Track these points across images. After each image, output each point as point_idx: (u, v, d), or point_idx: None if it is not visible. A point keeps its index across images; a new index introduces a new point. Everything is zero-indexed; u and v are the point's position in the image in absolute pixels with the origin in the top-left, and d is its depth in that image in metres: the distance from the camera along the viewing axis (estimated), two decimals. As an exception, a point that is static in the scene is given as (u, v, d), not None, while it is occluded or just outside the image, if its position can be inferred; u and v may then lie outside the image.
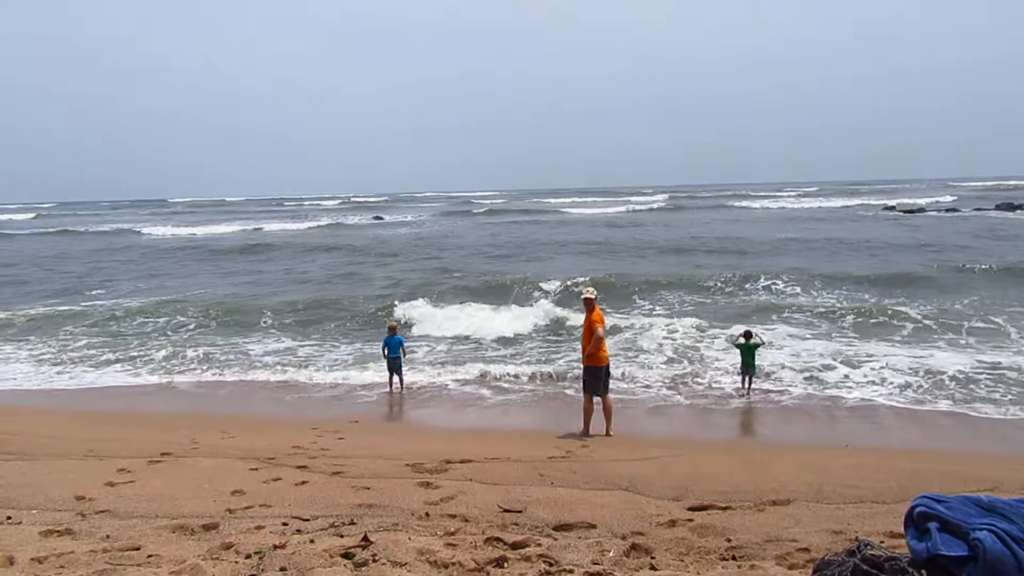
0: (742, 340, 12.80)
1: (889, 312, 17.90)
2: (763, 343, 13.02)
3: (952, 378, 12.50)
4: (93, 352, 16.81)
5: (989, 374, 12.65)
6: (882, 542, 4.53)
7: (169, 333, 19.06)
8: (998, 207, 59.01)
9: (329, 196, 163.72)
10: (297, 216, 78.33)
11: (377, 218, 72.13)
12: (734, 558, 4.95)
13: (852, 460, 8.51)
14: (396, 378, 13.41)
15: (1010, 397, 11.48)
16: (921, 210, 60.23)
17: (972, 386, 12.09)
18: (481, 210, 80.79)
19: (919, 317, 17.25)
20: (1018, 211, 55.53)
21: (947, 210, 58.91)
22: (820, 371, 13.27)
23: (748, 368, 12.56)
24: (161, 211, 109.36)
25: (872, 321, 17.40)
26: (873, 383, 12.47)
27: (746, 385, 12.49)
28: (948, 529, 3.01)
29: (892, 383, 12.41)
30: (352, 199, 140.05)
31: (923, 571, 2.92)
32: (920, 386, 12.23)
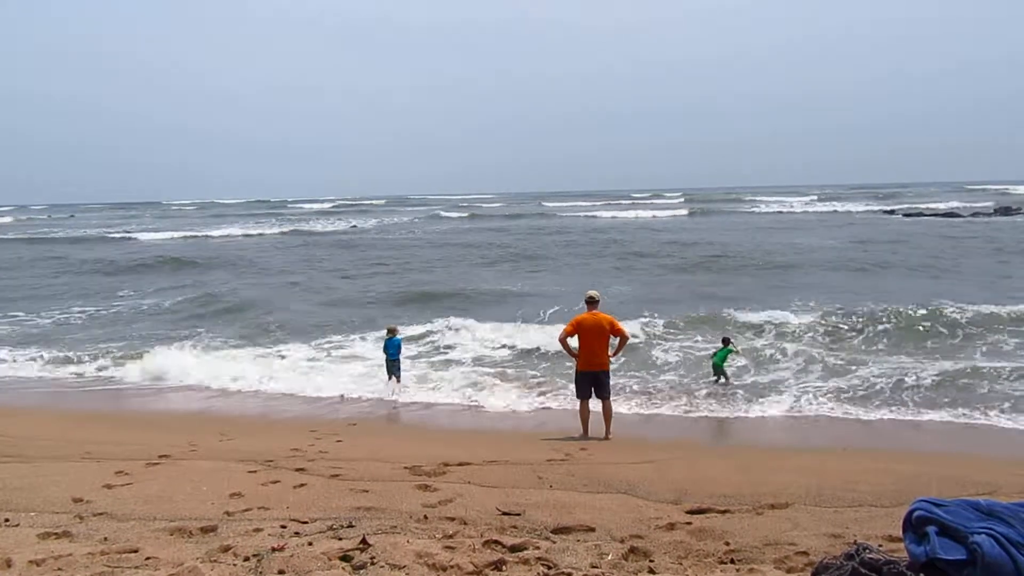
0: (720, 345, 13.65)
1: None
2: (736, 351, 13.89)
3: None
4: None
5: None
6: (880, 546, 4.53)
7: None
8: (996, 211, 59.18)
9: (330, 198, 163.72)
10: (275, 219, 76.91)
11: (374, 221, 70.69)
12: (732, 561, 4.95)
13: (850, 464, 8.51)
14: (394, 380, 13.40)
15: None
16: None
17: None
18: (465, 214, 78.89)
19: None
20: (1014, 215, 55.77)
21: (946, 214, 58.93)
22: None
23: (715, 369, 13.32)
24: (142, 215, 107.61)
25: None
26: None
27: (716, 382, 13.17)
28: (947, 533, 3.01)
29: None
30: (343, 201, 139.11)
31: (921, 575, 2.92)
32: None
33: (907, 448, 9.70)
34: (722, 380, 13.19)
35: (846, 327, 16.70)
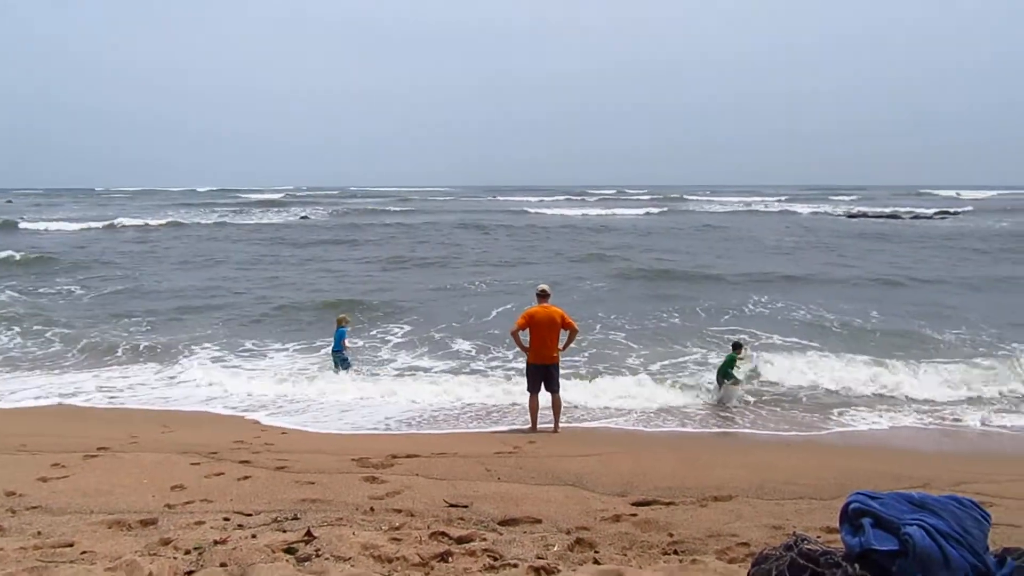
0: (731, 350, 12.39)
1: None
2: (742, 358, 12.29)
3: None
4: None
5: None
6: (819, 537, 4.64)
7: None
8: (935, 215, 61.31)
9: (284, 188, 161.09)
10: (210, 209, 74.66)
11: (303, 217, 62.64)
12: (676, 552, 5.02)
13: (793, 458, 8.71)
14: (342, 372, 13.28)
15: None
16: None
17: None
18: (408, 208, 77.34)
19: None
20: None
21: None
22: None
23: (719, 377, 12.09)
24: (66, 202, 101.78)
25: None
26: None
27: (716, 395, 12.01)
28: (881, 525, 3.09)
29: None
30: (292, 193, 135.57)
31: (856, 565, 3.00)
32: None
33: (846, 443, 9.96)
34: (730, 387, 11.85)
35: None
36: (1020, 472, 8.15)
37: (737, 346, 12.46)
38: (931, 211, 64.25)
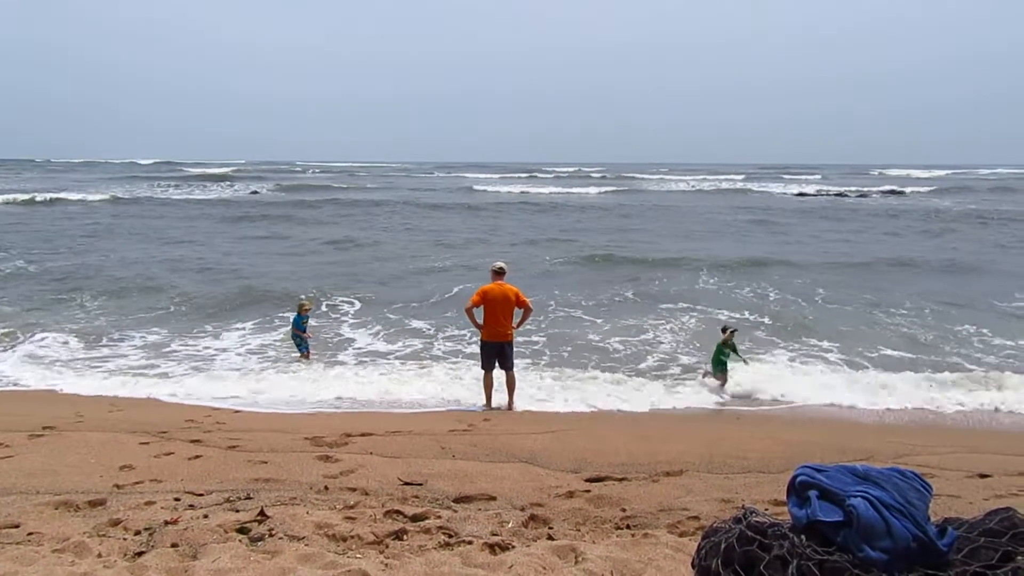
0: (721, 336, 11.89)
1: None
2: (729, 340, 11.71)
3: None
4: None
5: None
6: (767, 509, 4.77)
7: None
8: (882, 193, 62.92)
9: (228, 163, 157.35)
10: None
11: (253, 193, 60.55)
12: (628, 527, 5.11)
13: (741, 432, 8.89)
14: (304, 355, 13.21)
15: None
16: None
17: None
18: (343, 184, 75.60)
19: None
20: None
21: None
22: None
23: (712, 363, 11.71)
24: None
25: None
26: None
27: (707, 380, 11.71)
28: (826, 496, 3.18)
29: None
30: (241, 168, 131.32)
31: (802, 536, 3.07)
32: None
33: (793, 418, 10.20)
34: (718, 376, 11.56)
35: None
36: (959, 444, 8.46)
37: (725, 330, 11.99)
38: (877, 190, 65.93)
